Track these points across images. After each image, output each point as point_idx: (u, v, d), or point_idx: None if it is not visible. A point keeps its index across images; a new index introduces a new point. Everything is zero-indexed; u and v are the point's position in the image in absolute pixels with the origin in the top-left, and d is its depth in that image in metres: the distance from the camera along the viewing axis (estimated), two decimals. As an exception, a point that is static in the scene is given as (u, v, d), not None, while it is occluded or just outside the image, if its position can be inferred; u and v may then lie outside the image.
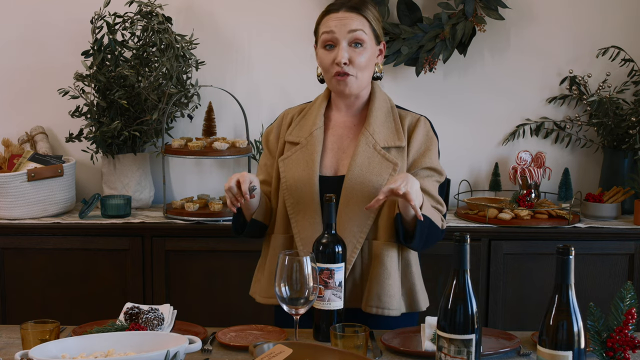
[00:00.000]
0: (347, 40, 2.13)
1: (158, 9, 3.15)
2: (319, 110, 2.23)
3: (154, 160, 3.38)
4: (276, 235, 2.20)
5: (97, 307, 3.00)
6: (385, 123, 2.19)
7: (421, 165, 2.19)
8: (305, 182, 2.15)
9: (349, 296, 2.13)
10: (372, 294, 2.13)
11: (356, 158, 2.15)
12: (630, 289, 1.72)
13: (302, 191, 2.14)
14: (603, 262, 3.02)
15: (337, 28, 2.13)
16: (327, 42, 2.15)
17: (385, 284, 2.12)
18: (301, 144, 2.19)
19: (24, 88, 3.40)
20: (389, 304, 2.12)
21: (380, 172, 2.14)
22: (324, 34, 2.15)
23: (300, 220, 2.15)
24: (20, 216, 3.06)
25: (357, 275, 2.15)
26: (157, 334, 1.87)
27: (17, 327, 2.00)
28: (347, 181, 2.13)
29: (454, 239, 1.61)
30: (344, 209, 2.13)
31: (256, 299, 2.25)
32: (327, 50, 2.15)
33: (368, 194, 2.11)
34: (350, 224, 2.12)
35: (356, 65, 2.14)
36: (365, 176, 2.13)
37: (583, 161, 3.41)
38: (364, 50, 2.14)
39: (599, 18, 3.34)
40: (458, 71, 3.37)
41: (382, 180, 2.13)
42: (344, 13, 2.14)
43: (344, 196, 2.13)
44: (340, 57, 2.12)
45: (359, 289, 2.15)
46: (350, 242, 2.12)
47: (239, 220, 2.23)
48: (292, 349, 1.65)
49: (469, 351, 1.60)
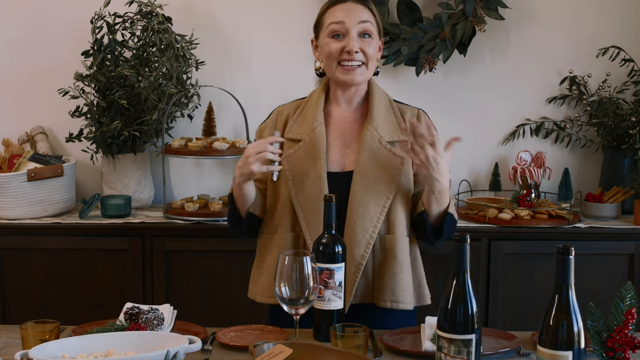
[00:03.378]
0: (356, 30, 2.13)
1: (158, 9, 3.15)
2: (317, 106, 2.21)
3: (154, 160, 3.38)
4: (282, 234, 2.16)
5: (97, 307, 3.01)
6: (387, 117, 2.19)
7: None
8: (314, 179, 2.13)
9: (361, 292, 2.13)
10: (386, 288, 2.13)
11: (363, 153, 2.14)
12: (630, 289, 1.72)
13: (310, 188, 2.12)
14: (603, 262, 3.02)
15: (347, 18, 2.13)
16: (336, 32, 2.14)
17: (399, 277, 2.13)
18: (304, 141, 2.17)
19: (24, 88, 3.40)
20: (403, 297, 2.13)
21: (388, 167, 2.14)
22: (332, 24, 2.14)
23: (310, 218, 2.12)
24: (20, 216, 3.06)
25: (369, 270, 2.14)
26: (157, 334, 1.87)
27: (17, 327, 2.00)
28: (357, 177, 2.12)
29: (454, 239, 1.62)
30: (355, 206, 2.11)
31: (257, 300, 2.23)
32: (336, 40, 2.14)
33: (377, 189, 2.11)
34: (362, 221, 2.11)
35: (367, 55, 2.14)
36: (374, 171, 2.13)
37: (583, 161, 3.41)
38: (372, 40, 2.15)
39: (599, 18, 3.34)
40: (458, 71, 3.37)
41: (390, 174, 2.13)
42: (352, 4, 2.15)
43: (355, 192, 2.12)
44: (351, 45, 2.11)
45: (371, 284, 2.15)
46: (363, 239, 2.11)
47: (234, 216, 2.21)
48: (292, 349, 1.65)
49: (469, 351, 1.60)
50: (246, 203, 2.17)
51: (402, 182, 2.15)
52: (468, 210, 3.20)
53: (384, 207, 2.12)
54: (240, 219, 2.21)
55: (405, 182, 2.16)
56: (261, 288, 2.21)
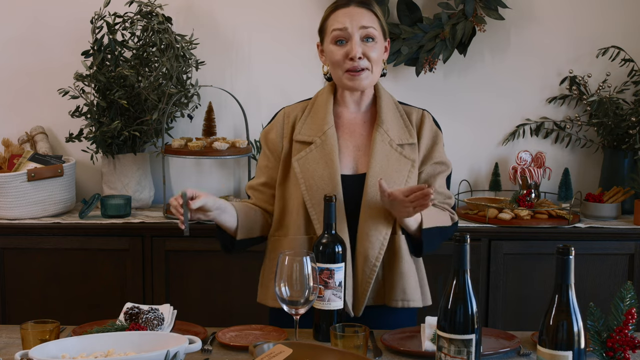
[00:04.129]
0: (359, 35, 2.12)
1: (158, 9, 3.15)
2: (327, 108, 2.19)
3: (154, 160, 3.38)
4: (295, 237, 2.15)
5: (97, 307, 3.01)
6: (395, 120, 2.19)
7: (432, 159, 2.21)
8: (328, 181, 2.12)
9: (373, 294, 2.14)
10: (398, 287, 2.14)
11: (375, 156, 2.14)
12: (630, 289, 1.72)
13: (324, 191, 2.11)
14: (603, 262, 3.02)
15: (349, 23, 2.12)
16: (339, 38, 2.13)
17: (408, 276, 2.15)
18: (315, 143, 2.16)
19: (24, 88, 3.40)
20: (413, 295, 2.15)
21: (399, 169, 2.14)
22: (335, 30, 2.13)
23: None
24: (20, 216, 3.06)
25: (380, 271, 2.14)
26: (157, 334, 1.87)
27: (17, 327, 2.00)
28: (371, 179, 2.12)
29: (454, 239, 1.62)
30: (369, 208, 2.11)
31: (268, 304, 2.22)
32: (339, 46, 2.13)
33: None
34: (376, 223, 2.11)
35: (371, 59, 2.13)
36: (387, 173, 2.13)
37: (583, 161, 3.41)
38: (375, 44, 2.14)
39: (599, 18, 3.34)
40: (458, 71, 3.37)
41: (402, 177, 2.14)
42: (354, 8, 2.13)
43: (369, 194, 2.12)
44: (354, 51, 2.10)
45: (381, 285, 2.15)
46: (377, 240, 2.11)
47: (224, 238, 2.21)
48: (292, 349, 1.65)
49: (469, 351, 1.60)
50: (224, 224, 2.15)
51: (412, 184, 2.15)
52: (468, 210, 3.20)
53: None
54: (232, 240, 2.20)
55: (414, 184, 2.17)
56: (273, 293, 2.18)
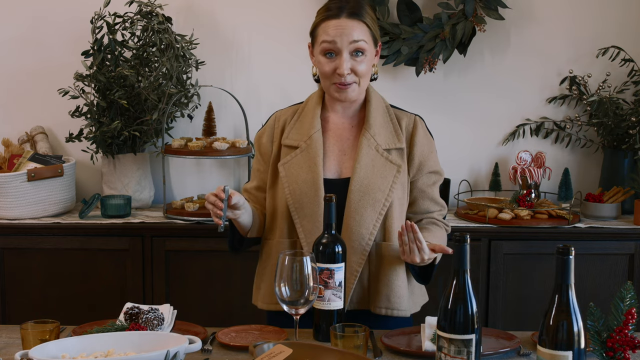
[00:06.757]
0: (348, 51, 2.09)
1: (158, 9, 3.15)
2: (314, 112, 2.20)
3: (154, 160, 3.38)
4: (279, 241, 2.17)
5: (97, 307, 3.01)
6: (383, 124, 2.18)
7: (427, 169, 2.20)
8: (310, 185, 2.12)
9: (357, 298, 2.13)
10: (381, 295, 2.13)
11: (360, 160, 2.14)
12: (630, 289, 1.72)
13: (307, 195, 2.12)
14: (603, 262, 3.02)
15: (339, 38, 2.08)
16: (328, 51, 2.11)
17: (394, 285, 2.14)
18: (301, 148, 2.16)
19: (24, 88, 3.40)
20: (398, 304, 2.14)
21: (384, 174, 2.14)
22: (324, 42, 2.10)
23: (306, 225, 2.12)
24: (20, 216, 3.06)
25: (364, 277, 2.15)
26: (157, 334, 1.87)
27: (17, 327, 2.00)
28: (354, 184, 2.12)
29: (454, 239, 1.62)
30: (351, 213, 2.11)
31: (258, 306, 2.25)
32: (328, 59, 2.11)
33: (374, 197, 2.11)
34: (358, 228, 2.11)
35: (358, 74, 2.12)
36: (371, 178, 2.12)
37: (583, 161, 3.41)
38: (364, 58, 2.11)
39: (599, 18, 3.34)
40: (458, 71, 3.37)
41: (386, 182, 2.13)
42: (345, 20, 2.09)
43: (351, 199, 2.11)
44: (343, 69, 2.09)
45: (366, 291, 2.15)
46: (359, 246, 2.11)
47: (235, 238, 2.22)
48: (292, 349, 1.65)
49: (469, 351, 1.60)
50: (242, 225, 2.16)
51: (398, 190, 2.15)
52: (468, 210, 3.20)
53: (380, 214, 2.12)
54: (241, 240, 2.22)
55: (402, 190, 2.16)
56: (262, 295, 2.23)
